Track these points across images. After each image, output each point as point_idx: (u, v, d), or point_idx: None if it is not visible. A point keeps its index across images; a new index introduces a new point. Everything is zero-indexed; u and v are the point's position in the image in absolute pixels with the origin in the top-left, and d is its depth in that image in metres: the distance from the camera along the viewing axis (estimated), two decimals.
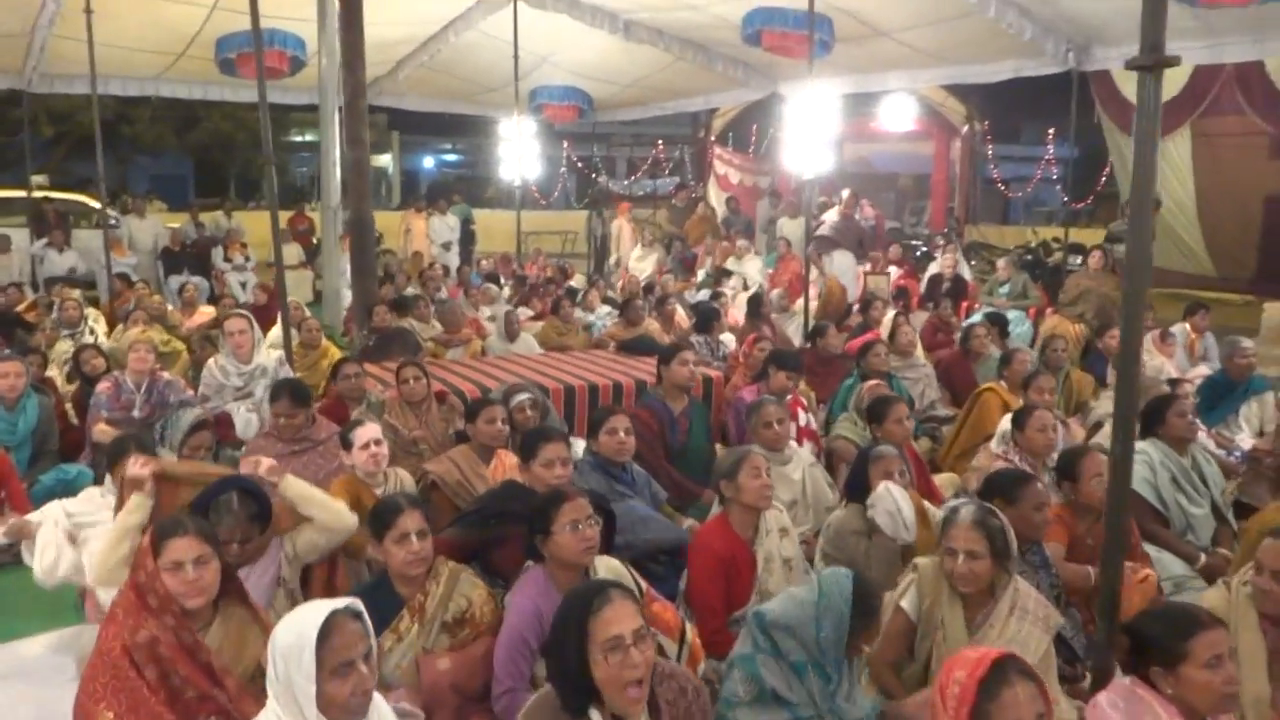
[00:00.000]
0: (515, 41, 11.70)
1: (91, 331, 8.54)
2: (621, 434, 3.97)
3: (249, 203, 22.36)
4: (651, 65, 13.35)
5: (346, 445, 3.92)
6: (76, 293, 9.54)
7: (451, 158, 30.45)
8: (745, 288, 10.93)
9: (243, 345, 5.88)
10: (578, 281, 11.81)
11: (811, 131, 9.81)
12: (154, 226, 13.81)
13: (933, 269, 10.47)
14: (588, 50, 13.11)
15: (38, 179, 14.73)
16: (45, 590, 3.90)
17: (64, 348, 7.97)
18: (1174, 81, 10.36)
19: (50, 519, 3.71)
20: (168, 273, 13.32)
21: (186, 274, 13.19)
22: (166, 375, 5.89)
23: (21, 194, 13.91)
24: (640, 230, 13.96)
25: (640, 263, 12.54)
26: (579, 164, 21.91)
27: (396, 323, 7.60)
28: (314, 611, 2.08)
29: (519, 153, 11.78)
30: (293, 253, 14.56)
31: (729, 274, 11.01)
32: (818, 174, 10.29)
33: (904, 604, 2.94)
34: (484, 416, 4.31)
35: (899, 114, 18.78)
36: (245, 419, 5.87)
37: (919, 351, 6.92)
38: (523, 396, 4.69)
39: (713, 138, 19.98)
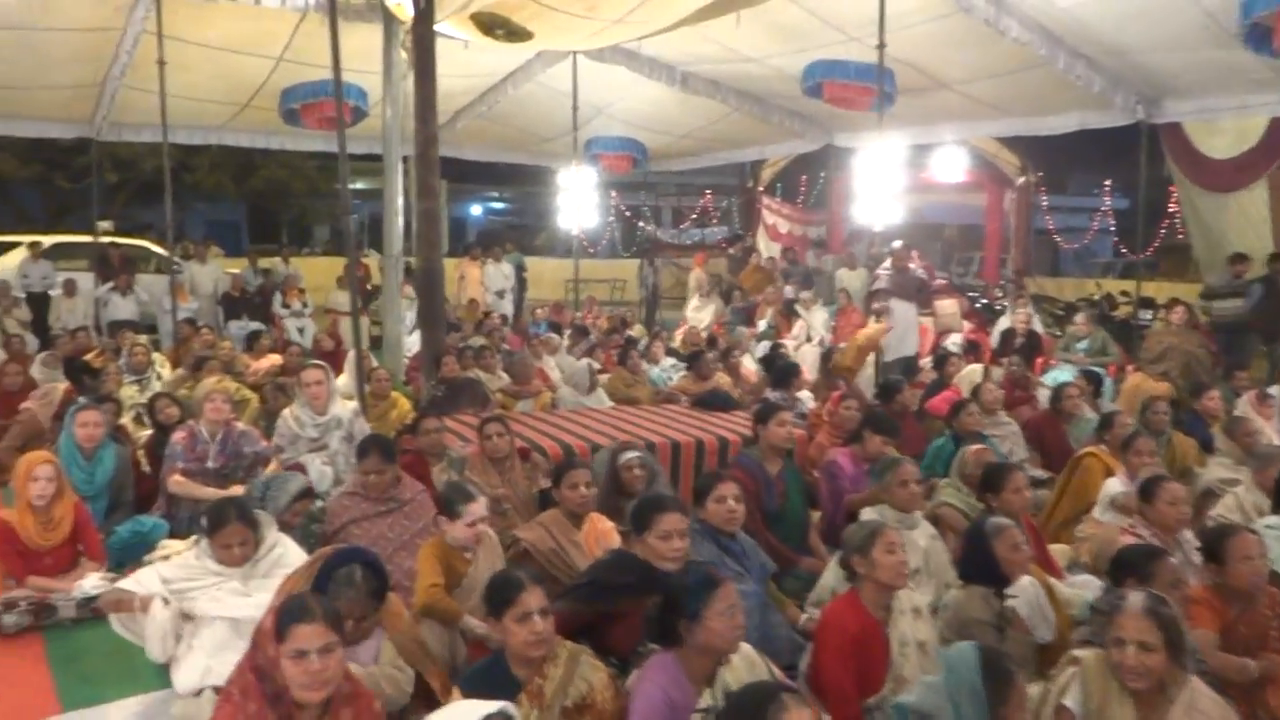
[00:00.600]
0: (575, 93, 11.72)
1: (159, 377, 8.50)
2: (731, 501, 3.75)
3: (301, 249, 22.53)
4: (707, 116, 13.32)
5: (451, 514, 3.70)
6: (144, 338, 9.52)
7: (498, 205, 30.64)
8: (808, 339, 10.72)
9: (319, 396, 5.75)
10: (635, 331, 11.67)
11: (878, 184, 9.69)
12: (215, 272, 13.88)
13: (1003, 323, 10.20)
14: (643, 101, 13.11)
15: (103, 225, 14.88)
16: (125, 649, 3.75)
17: (129, 393, 7.93)
18: (1251, 134, 10.10)
19: (156, 597, 3.52)
20: (228, 318, 13.35)
21: (246, 319, 13.22)
22: (241, 425, 5.76)
23: (88, 239, 14.05)
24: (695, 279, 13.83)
25: (698, 313, 12.38)
26: (626, 212, 21.92)
27: (464, 373, 7.45)
28: (469, 713, 1.88)
29: (577, 202, 11.70)
30: (346, 299, 14.56)
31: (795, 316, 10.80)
32: (885, 225, 10.14)
33: (1068, 702, 2.67)
34: (567, 482, 4.10)
35: (951, 165, 18.61)
36: (320, 471, 5.72)
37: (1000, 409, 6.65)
38: (631, 455, 4.49)
39: (761, 188, 19.90)
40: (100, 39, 9.96)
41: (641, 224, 21.34)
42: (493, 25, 9.07)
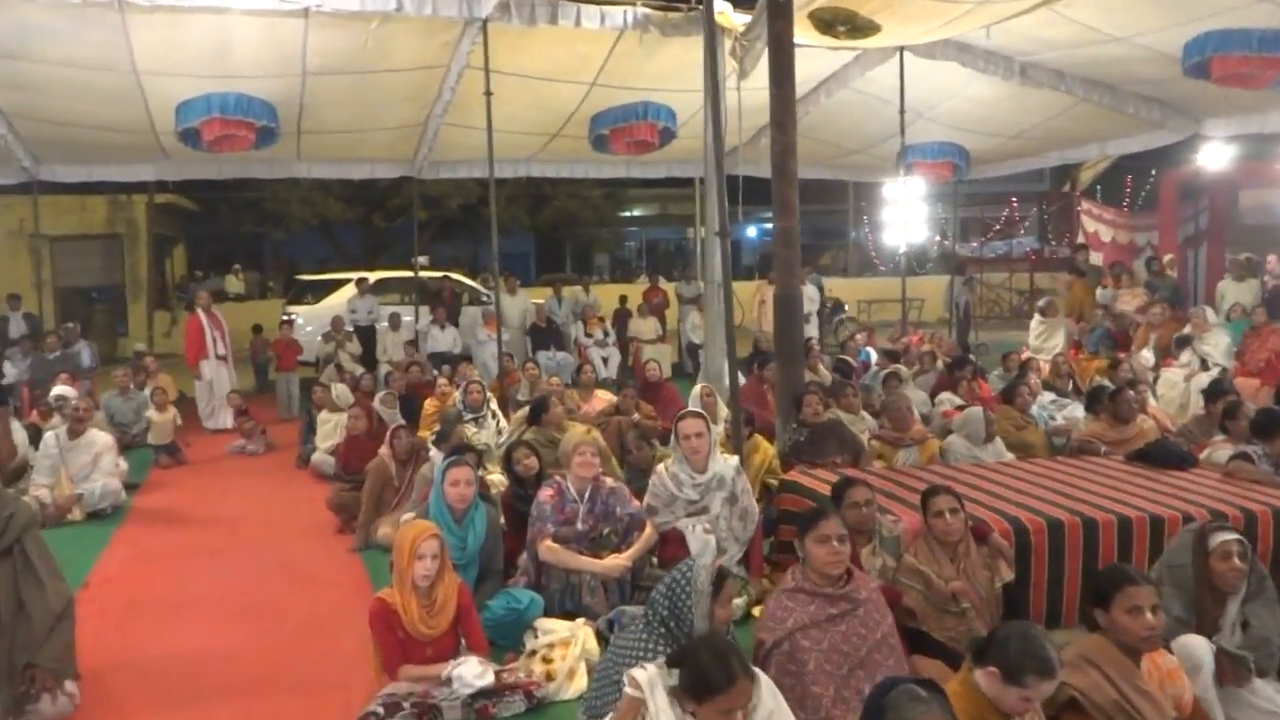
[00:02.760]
0: (902, 92, 10.46)
1: (493, 415, 8.06)
2: None
3: (585, 277, 22.56)
4: (1044, 112, 11.56)
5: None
6: (476, 372, 9.25)
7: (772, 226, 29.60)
8: (1203, 367, 8.76)
9: (700, 450, 4.84)
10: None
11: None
12: (522, 303, 13.75)
13: None
14: (971, 101, 11.58)
15: (421, 260, 15.29)
16: None
17: (468, 434, 7.49)
18: None
19: None
20: (535, 348, 13.14)
21: (553, 350, 12.94)
22: (610, 482, 4.96)
23: (407, 274, 14.40)
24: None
25: (1044, 341, 10.59)
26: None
27: (826, 415, 6.36)
28: None
29: (904, 217, 10.36)
30: (649, 327, 14.01)
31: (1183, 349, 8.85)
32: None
33: None
34: (1123, 602, 2.82)
35: None
36: (702, 541, 4.76)
37: None
38: (1228, 538, 3.22)
39: (1079, 191, 17.60)
40: (426, 77, 9.87)
41: (940, 237, 19.50)
42: (834, 22, 8.02)
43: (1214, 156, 15.26)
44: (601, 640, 4.29)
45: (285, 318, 14.04)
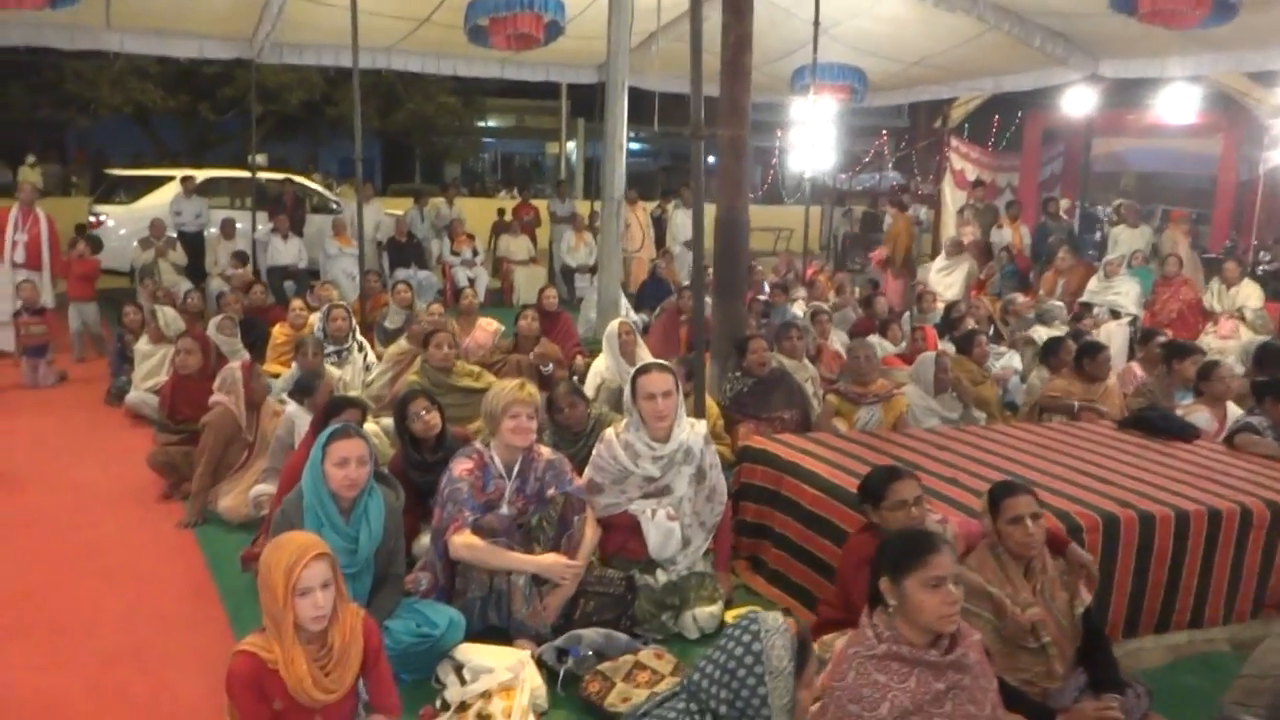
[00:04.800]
0: (816, 3, 9.43)
1: (361, 348, 6.61)
2: None
3: (450, 189, 20.65)
4: (950, 39, 10.77)
5: None
6: (334, 292, 7.69)
7: (635, 147, 28.28)
8: (1113, 316, 8.32)
9: (665, 415, 3.69)
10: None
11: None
12: (375, 214, 11.99)
13: None
14: (877, 20, 10.65)
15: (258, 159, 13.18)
16: None
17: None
18: None
19: None
20: (393, 265, 11.51)
21: (414, 268, 11.37)
22: (546, 452, 3.75)
23: (243, 174, 12.31)
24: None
25: (945, 276, 9.96)
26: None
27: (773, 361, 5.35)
28: None
29: (813, 140, 9.39)
30: (521, 246, 12.61)
31: (1089, 307, 8.33)
32: None
33: None
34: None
35: (1179, 105, 15.58)
36: (665, 531, 3.69)
37: None
38: None
39: (949, 129, 17.23)
40: None
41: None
42: None
43: (1077, 102, 15.10)
44: (548, 678, 3.15)
45: (92, 217, 11.75)
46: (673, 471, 3.74)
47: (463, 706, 2.85)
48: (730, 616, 3.71)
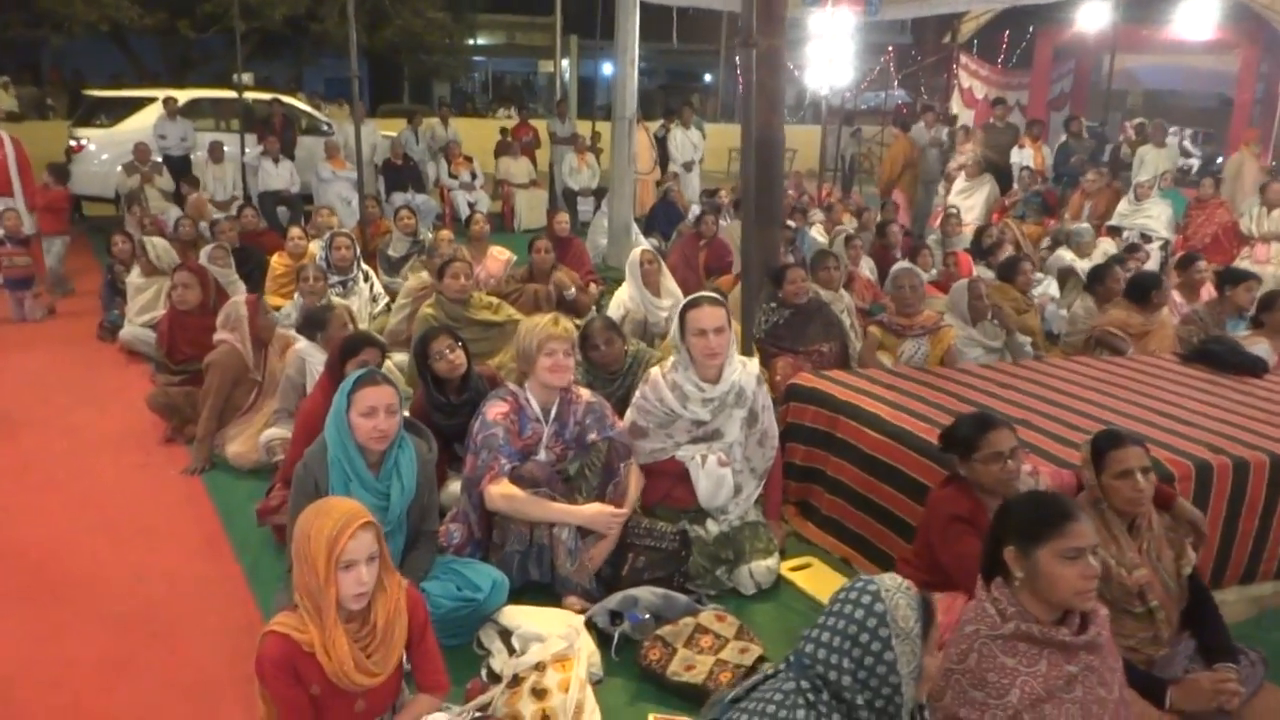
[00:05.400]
0: None
1: (366, 278, 6.23)
2: None
3: (444, 109, 19.89)
4: None
5: None
6: (334, 219, 7.24)
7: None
8: (1144, 239, 7.96)
9: (718, 352, 3.35)
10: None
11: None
12: (371, 135, 11.42)
13: None
14: None
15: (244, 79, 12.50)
16: None
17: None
18: None
19: None
20: (389, 189, 11.01)
21: (411, 192, 10.88)
22: (586, 394, 3.43)
23: (229, 95, 11.67)
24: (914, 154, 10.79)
25: (966, 198, 9.54)
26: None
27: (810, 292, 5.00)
28: None
29: (832, 55, 8.87)
30: (521, 169, 12.09)
31: (1118, 230, 7.96)
32: None
33: None
34: None
35: (1198, 19, 14.94)
36: (717, 478, 3.39)
37: None
38: None
39: (958, 44, 16.59)
40: None
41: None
42: None
43: (1091, 17, 14.46)
44: (599, 641, 2.88)
45: (73, 141, 11.15)
46: (724, 415, 3.42)
47: (515, 680, 2.57)
48: (786, 569, 3.46)
